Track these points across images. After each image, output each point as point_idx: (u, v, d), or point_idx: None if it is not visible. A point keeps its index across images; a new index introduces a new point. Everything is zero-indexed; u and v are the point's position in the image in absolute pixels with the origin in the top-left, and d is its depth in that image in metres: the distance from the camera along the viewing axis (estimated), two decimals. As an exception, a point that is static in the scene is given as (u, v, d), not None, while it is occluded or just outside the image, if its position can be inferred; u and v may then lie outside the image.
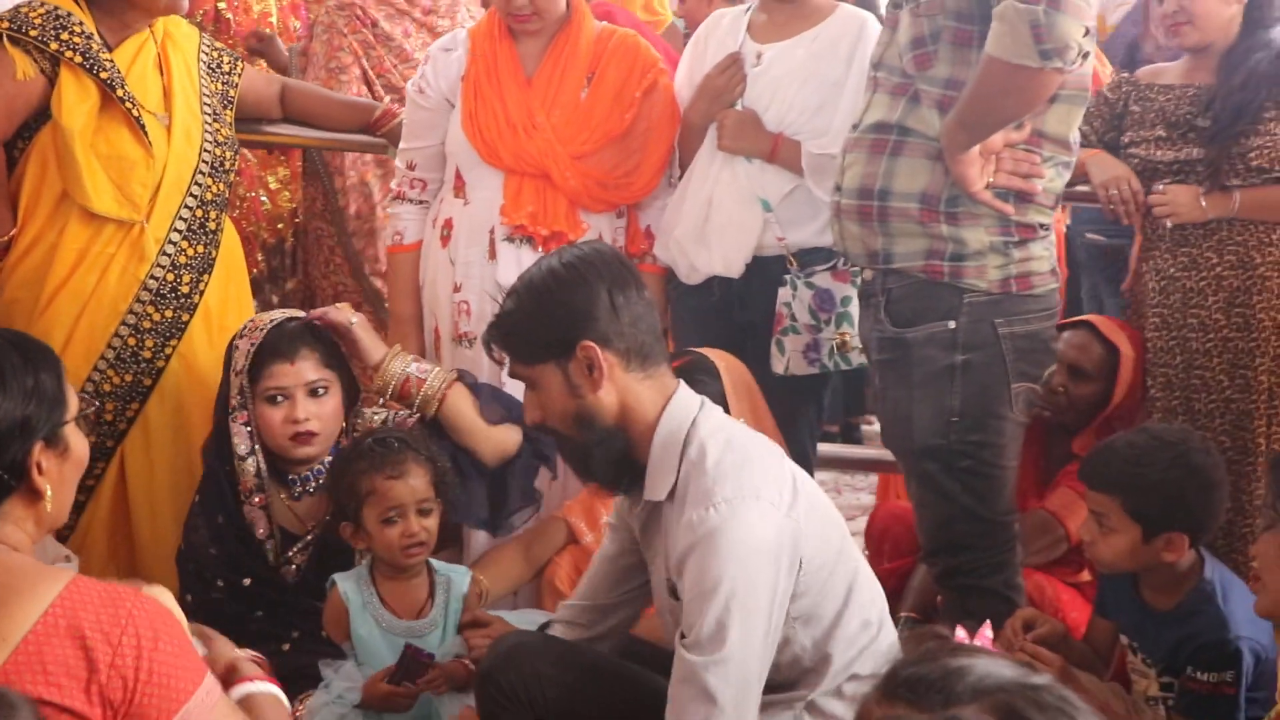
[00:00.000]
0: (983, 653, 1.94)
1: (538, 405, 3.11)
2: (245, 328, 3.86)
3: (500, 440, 3.83)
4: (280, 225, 5.70)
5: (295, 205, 5.62)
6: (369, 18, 5.09)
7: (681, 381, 3.16)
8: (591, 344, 2.97)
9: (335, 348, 3.84)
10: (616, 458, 3.08)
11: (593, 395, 3.02)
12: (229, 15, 5.47)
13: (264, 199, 5.51)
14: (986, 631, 3.05)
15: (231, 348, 3.82)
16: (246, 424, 3.74)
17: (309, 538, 3.82)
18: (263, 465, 3.75)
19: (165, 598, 2.59)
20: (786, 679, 3.08)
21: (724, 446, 2.99)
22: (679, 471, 2.98)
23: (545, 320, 3.07)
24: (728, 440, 3.02)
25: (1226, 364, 4.22)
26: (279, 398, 3.69)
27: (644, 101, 4.25)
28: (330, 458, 3.80)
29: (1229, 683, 3.41)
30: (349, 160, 5.26)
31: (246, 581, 3.70)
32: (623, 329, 3.03)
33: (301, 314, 3.94)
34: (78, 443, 2.62)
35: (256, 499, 3.76)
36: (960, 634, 2.40)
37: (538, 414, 3.13)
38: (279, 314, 3.92)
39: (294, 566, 3.77)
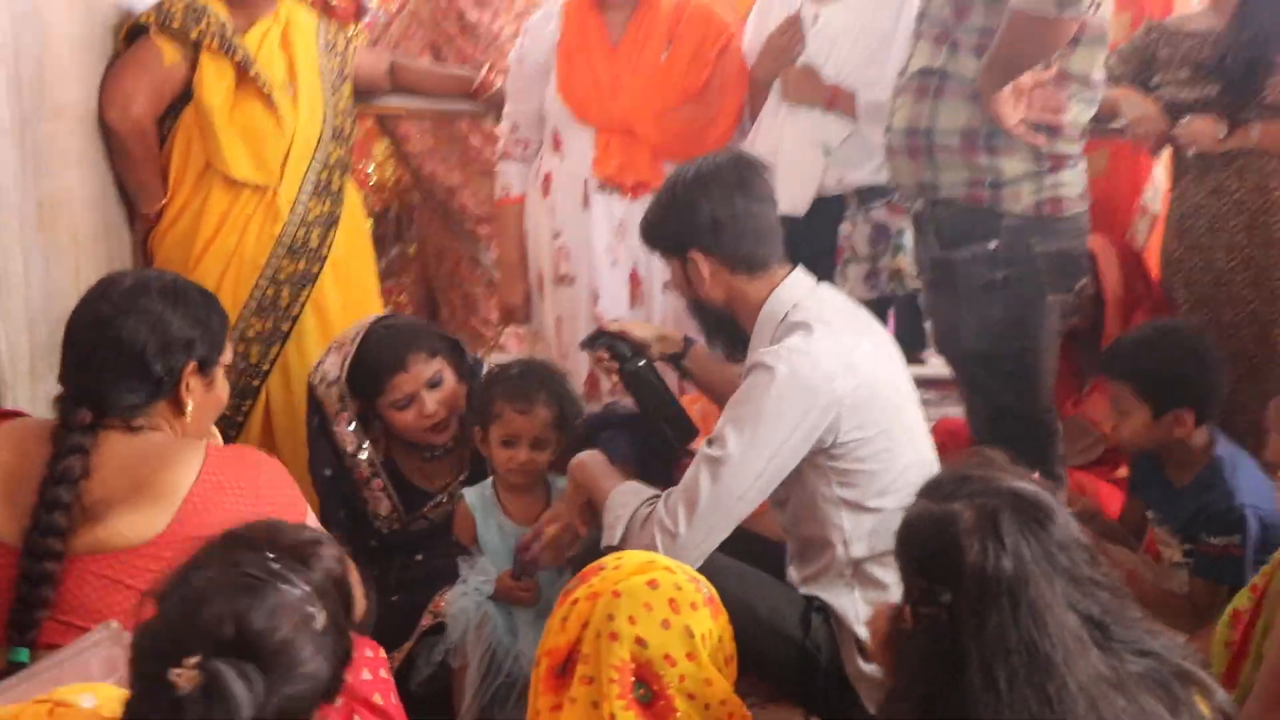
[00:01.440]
0: (999, 468, 2.23)
1: (676, 283, 3.48)
2: (331, 345, 3.98)
3: None
4: (385, 194, 5.84)
5: (398, 176, 5.79)
6: (455, 9, 5.24)
7: (795, 271, 3.37)
8: (695, 253, 3.29)
9: (433, 334, 4.01)
10: (727, 330, 3.42)
11: (701, 286, 3.32)
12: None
13: (370, 170, 5.65)
14: None
15: (317, 368, 3.93)
16: (349, 423, 3.87)
17: (442, 497, 3.99)
18: (375, 455, 3.90)
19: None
20: (823, 535, 3.28)
21: (811, 320, 3.21)
22: (773, 335, 3.24)
23: (662, 226, 3.41)
24: (818, 315, 3.23)
25: (1250, 279, 4.37)
26: (406, 403, 3.83)
27: (717, 61, 4.44)
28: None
29: (1237, 545, 3.60)
30: (414, 130, 5.48)
31: (373, 542, 3.89)
32: (725, 240, 3.29)
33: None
34: (222, 385, 2.94)
35: (375, 484, 3.92)
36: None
37: (678, 288, 3.51)
38: (356, 329, 3.96)
39: (427, 521, 3.97)
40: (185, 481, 2.69)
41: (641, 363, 3.69)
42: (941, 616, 2.05)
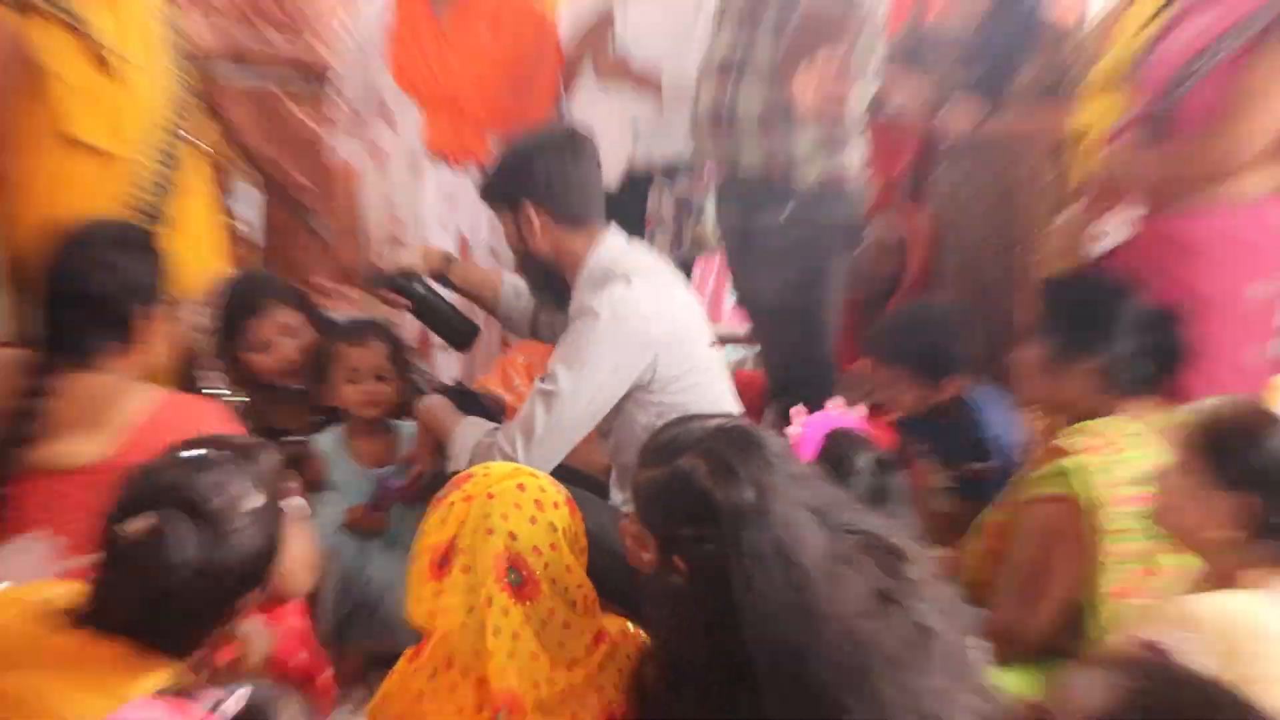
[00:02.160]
0: (695, 419, 2.37)
1: (509, 237, 3.57)
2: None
3: None
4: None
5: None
6: None
7: (612, 229, 3.52)
8: (527, 204, 3.41)
9: (287, 286, 4.10)
10: (552, 282, 3.53)
11: (531, 237, 3.44)
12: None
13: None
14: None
15: None
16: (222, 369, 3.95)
17: (297, 435, 3.98)
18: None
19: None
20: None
21: (626, 273, 3.38)
22: (590, 288, 3.38)
23: (500, 182, 3.50)
24: (634, 268, 3.41)
25: (995, 245, 4.61)
26: (264, 346, 3.92)
27: (534, 42, 4.60)
28: None
29: (988, 468, 3.90)
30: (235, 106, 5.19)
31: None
32: (555, 195, 3.41)
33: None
34: (176, 322, 3.07)
35: None
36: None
37: (510, 242, 3.59)
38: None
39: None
40: (130, 417, 2.85)
41: (417, 286, 3.85)
42: (710, 552, 2.14)
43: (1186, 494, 2.53)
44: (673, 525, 2.22)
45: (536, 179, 3.42)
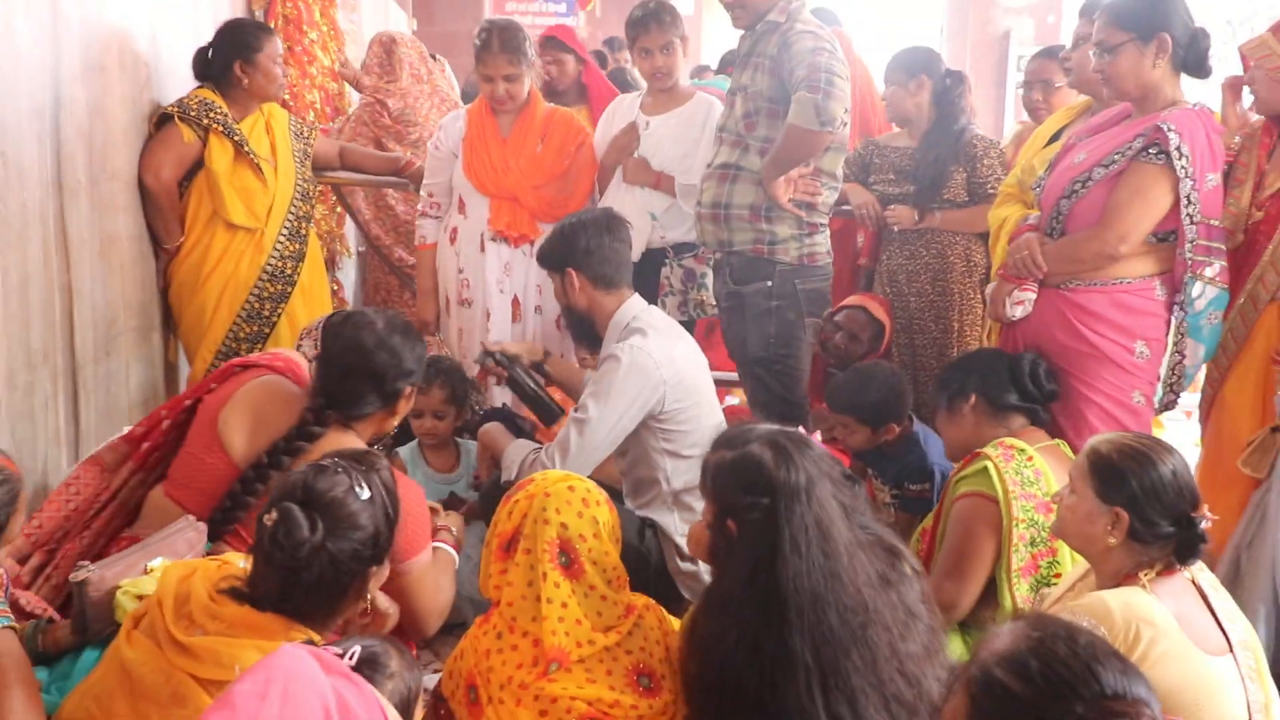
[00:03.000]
0: (755, 423, 2.41)
1: (556, 294, 3.64)
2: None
3: None
4: (323, 241, 5.76)
5: (330, 230, 5.85)
6: (381, 104, 5.50)
7: (635, 294, 3.58)
8: (571, 270, 3.50)
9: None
10: (587, 330, 3.61)
11: (574, 296, 3.53)
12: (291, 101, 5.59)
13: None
14: None
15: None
16: None
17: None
18: None
19: None
20: (652, 476, 3.49)
21: (643, 328, 3.45)
22: (616, 338, 3.46)
23: (551, 250, 3.57)
24: (650, 324, 3.48)
25: (933, 317, 4.56)
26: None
27: (576, 153, 4.53)
28: None
29: (928, 489, 3.90)
30: (363, 203, 5.64)
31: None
32: (592, 264, 3.48)
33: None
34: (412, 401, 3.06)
35: None
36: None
37: (557, 298, 3.67)
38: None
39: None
40: None
41: (517, 369, 3.83)
42: (762, 518, 2.19)
43: (1078, 510, 2.52)
44: (733, 495, 2.26)
45: (578, 250, 3.49)
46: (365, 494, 2.21)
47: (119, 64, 3.84)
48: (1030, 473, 3.09)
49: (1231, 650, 2.37)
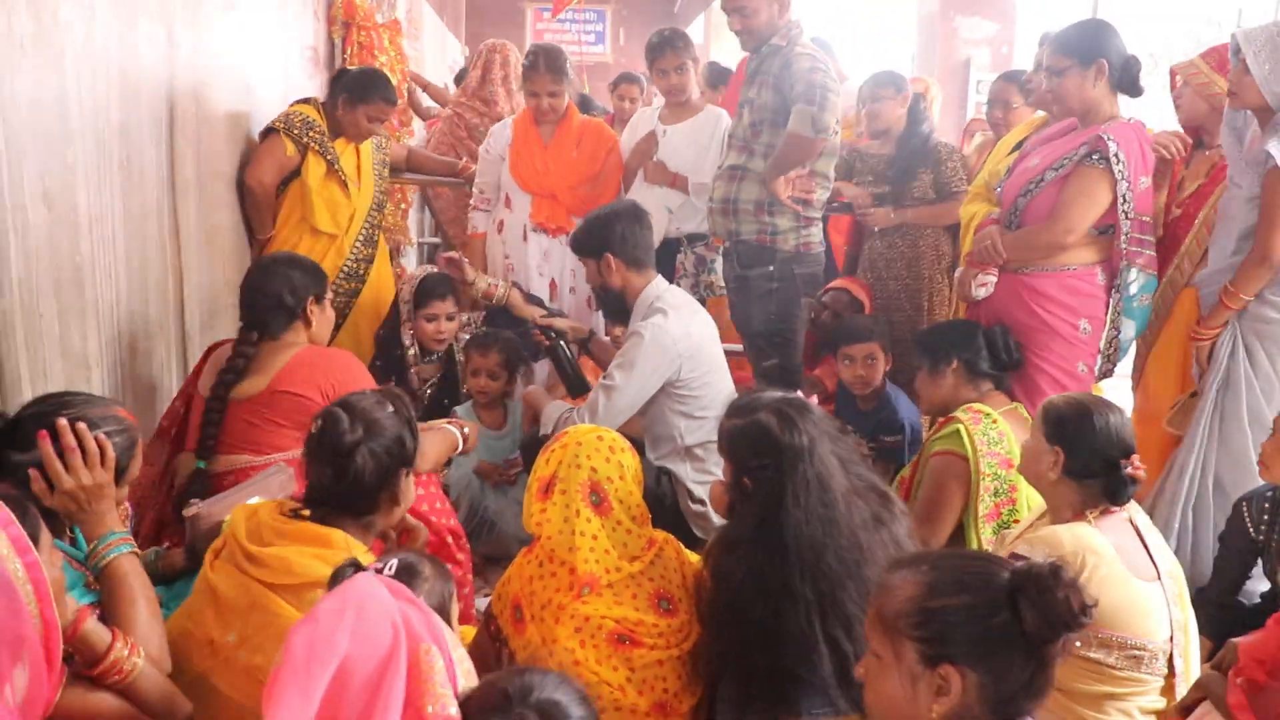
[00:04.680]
0: (765, 389, 2.39)
1: (590, 277, 3.60)
2: (405, 279, 4.14)
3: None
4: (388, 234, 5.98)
5: (396, 223, 5.81)
6: (465, 121, 5.47)
7: (659, 275, 3.54)
8: (609, 255, 3.44)
9: (457, 289, 4.08)
10: (620, 306, 3.53)
11: (609, 276, 3.47)
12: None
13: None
14: None
15: (399, 289, 4.12)
16: (410, 330, 4.04)
17: (432, 381, 4.15)
18: (416, 350, 4.09)
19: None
20: (668, 433, 3.47)
21: (665, 306, 3.41)
22: (643, 313, 3.42)
23: (590, 239, 3.50)
24: (670, 303, 3.43)
25: (908, 297, 4.59)
26: (433, 318, 4.03)
27: (606, 158, 4.57)
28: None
29: (899, 440, 3.94)
30: (443, 202, 5.71)
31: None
32: (626, 249, 3.44)
33: (435, 269, 4.17)
34: (329, 310, 3.12)
35: (414, 369, 4.08)
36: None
37: (590, 280, 3.63)
38: (423, 271, 4.19)
39: (428, 393, 4.14)
40: (283, 360, 2.91)
41: (560, 341, 3.84)
42: (770, 476, 2.18)
43: (1031, 449, 2.58)
44: (746, 456, 2.24)
45: (615, 237, 3.44)
46: (389, 409, 2.23)
47: (221, 81, 3.85)
48: (995, 434, 3.09)
49: (1160, 578, 2.39)
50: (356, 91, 4.19)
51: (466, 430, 3.13)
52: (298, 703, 1.33)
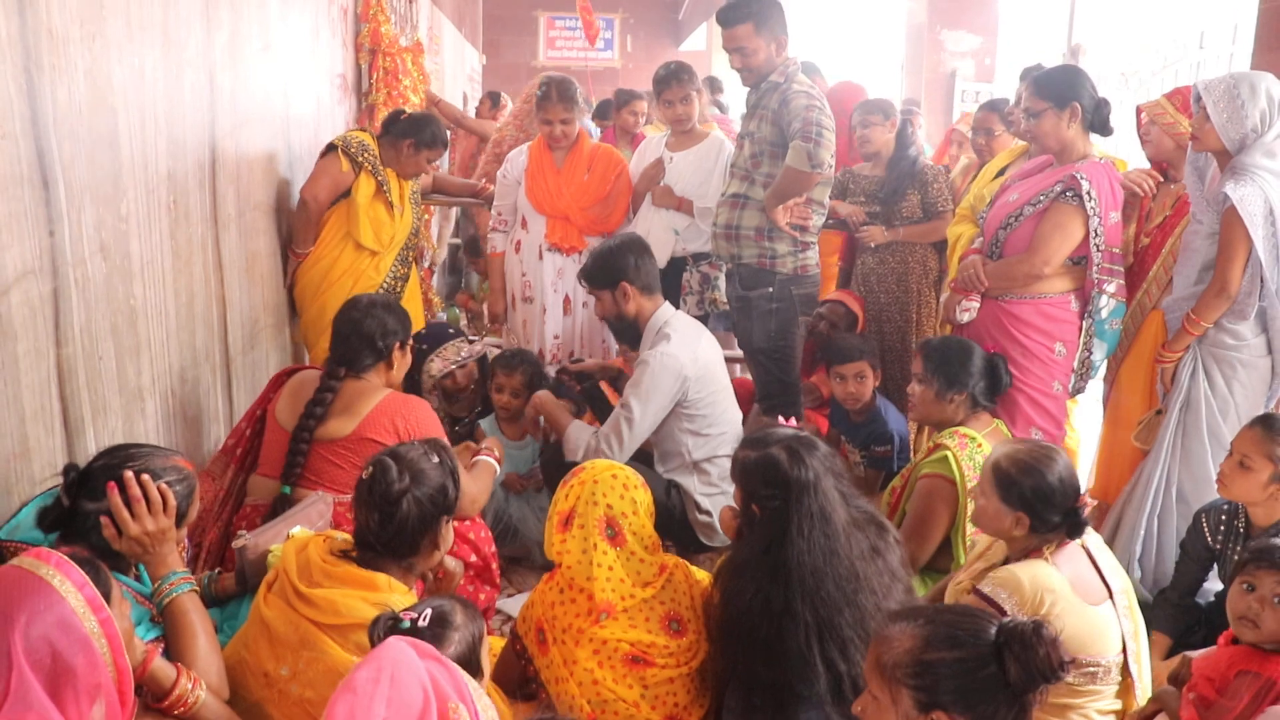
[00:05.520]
0: (777, 426, 2.44)
1: (602, 309, 3.58)
2: (437, 354, 3.89)
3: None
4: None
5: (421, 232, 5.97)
6: (499, 154, 5.27)
7: (665, 301, 3.58)
8: (624, 283, 3.46)
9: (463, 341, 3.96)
10: (634, 332, 3.55)
11: (625, 306, 3.49)
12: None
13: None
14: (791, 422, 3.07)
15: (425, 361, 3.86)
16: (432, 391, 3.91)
17: (466, 419, 4.07)
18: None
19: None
20: (677, 450, 3.49)
21: (671, 330, 3.45)
22: (653, 338, 3.45)
23: (603, 271, 3.52)
24: (676, 327, 3.46)
25: (897, 310, 4.59)
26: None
27: (615, 181, 4.57)
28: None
29: (889, 450, 3.94)
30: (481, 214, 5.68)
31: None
32: (639, 276, 3.47)
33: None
34: (408, 356, 3.13)
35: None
36: (780, 421, 2.53)
37: (601, 311, 3.61)
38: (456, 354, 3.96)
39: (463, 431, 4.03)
40: (369, 406, 2.91)
41: (588, 383, 3.92)
42: (778, 506, 2.22)
43: (988, 511, 2.52)
44: (757, 485, 2.27)
45: (629, 267, 3.47)
46: (435, 459, 2.28)
47: (260, 118, 3.87)
48: (980, 457, 3.09)
49: (1111, 597, 2.45)
50: (421, 137, 4.24)
51: (498, 454, 3.20)
52: (346, 769, 1.40)
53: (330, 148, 4.11)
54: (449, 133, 6.52)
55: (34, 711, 1.49)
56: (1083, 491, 2.47)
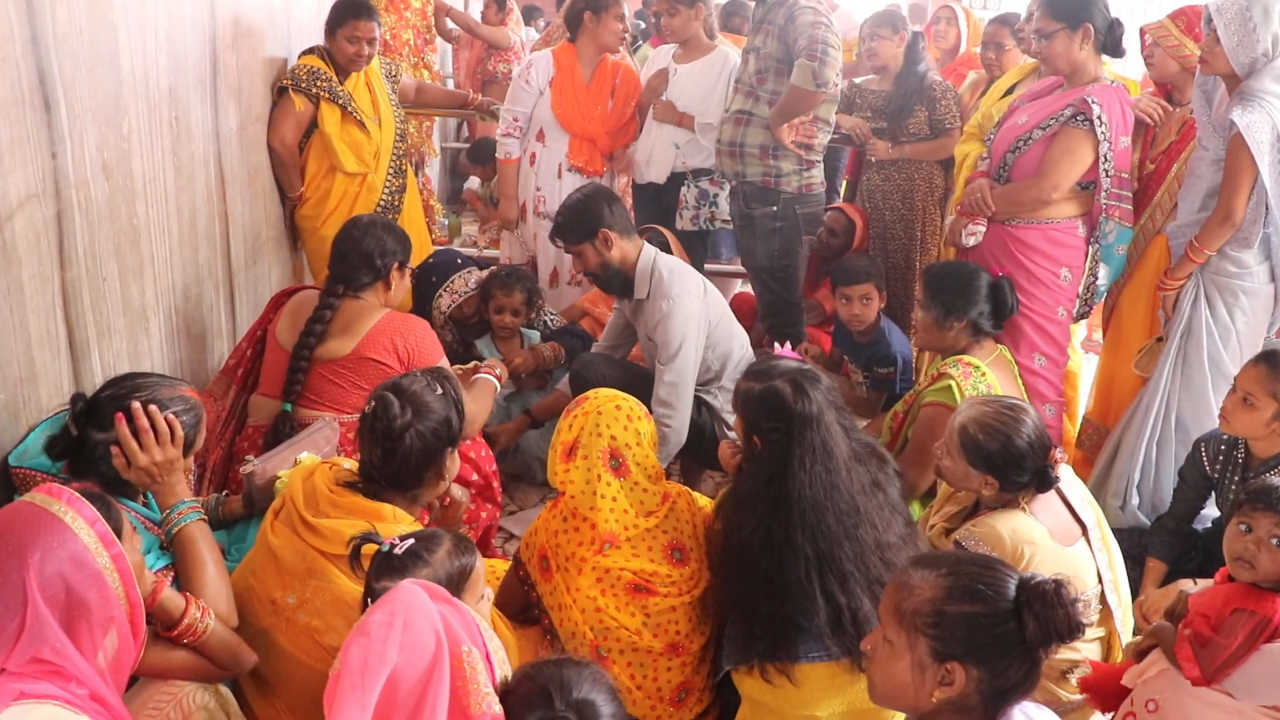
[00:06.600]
0: (779, 358, 2.38)
1: (585, 263, 3.40)
2: (445, 289, 3.87)
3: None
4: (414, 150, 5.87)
5: (420, 138, 5.88)
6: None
7: (644, 240, 3.45)
8: (606, 230, 3.32)
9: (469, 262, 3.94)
10: (621, 280, 3.39)
11: (609, 253, 3.34)
12: (391, 41, 5.58)
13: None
14: (787, 348, 3.09)
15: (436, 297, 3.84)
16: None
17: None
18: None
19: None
20: (706, 377, 3.44)
21: (669, 270, 3.34)
22: (650, 283, 3.33)
23: (580, 223, 3.35)
24: (670, 267, 3.36)
25: (902, 227, 4.50)
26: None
27: (634, 105, 4.52)
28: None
29: (892, 372, 3.92)
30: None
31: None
32: (616, 220, 3.33)
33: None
34: (408, 280, 3.09)
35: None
36: (778, 348, 2.52)
37: (582, 266, 3.44)
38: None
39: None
40: (368, 325, 2.89)
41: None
42: (779, 438, 2.20)
43: (957, 471, 2.51)
44: (759, 418, 2.25)
45: (604, 215, 3.34)
46: (438, 391, 2.25)
47: (260, 29, 3.77)
48: (984, 386, 3.09)
49: (1085, 534, 2.46)
50: (331, 21, 3.98)
51: (499, 372, 3.17)
52: (355, 712, 1.41)
53: (281, 90, 3.90)
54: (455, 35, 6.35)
55: (49, 645, 1.51)
56: (1053, 447, 2.45)
